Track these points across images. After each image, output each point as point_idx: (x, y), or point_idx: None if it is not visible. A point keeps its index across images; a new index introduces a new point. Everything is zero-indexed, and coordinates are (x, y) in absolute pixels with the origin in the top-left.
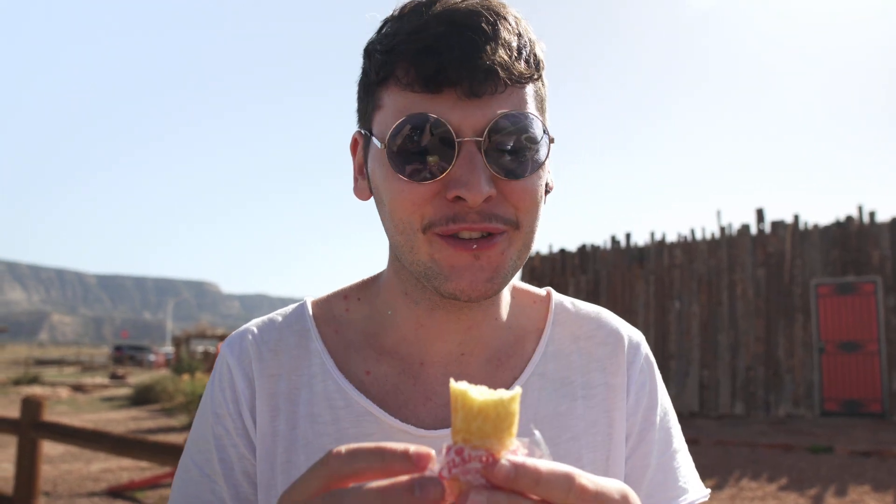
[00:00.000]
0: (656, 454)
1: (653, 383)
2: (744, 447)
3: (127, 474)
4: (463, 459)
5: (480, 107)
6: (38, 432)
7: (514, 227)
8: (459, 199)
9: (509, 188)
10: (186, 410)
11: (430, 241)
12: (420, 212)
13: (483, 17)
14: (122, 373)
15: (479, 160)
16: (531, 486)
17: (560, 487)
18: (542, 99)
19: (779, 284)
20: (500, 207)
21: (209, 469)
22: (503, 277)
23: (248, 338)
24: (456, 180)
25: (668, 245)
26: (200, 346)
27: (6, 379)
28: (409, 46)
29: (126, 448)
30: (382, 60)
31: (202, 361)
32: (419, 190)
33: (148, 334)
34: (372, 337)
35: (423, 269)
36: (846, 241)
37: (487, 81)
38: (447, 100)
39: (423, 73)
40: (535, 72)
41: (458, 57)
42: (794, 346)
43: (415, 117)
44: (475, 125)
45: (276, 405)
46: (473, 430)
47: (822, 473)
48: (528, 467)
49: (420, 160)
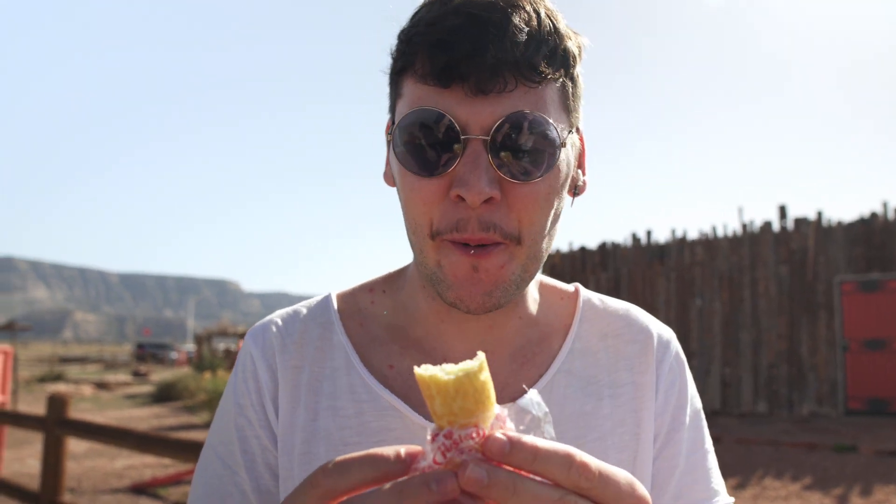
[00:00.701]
0: (685, 454)
1: (682, 382)
2: (767, 446)
3: (150, 471)
4: (454, 441)
5: (490, 104)
6: (64, 429)
7: (516, 242)
8: (461, 198)
9: (515, 192)
10: (208, 408)
11: (438, 247)
12: (429, 214)
13: (500, 10)
14: (145, 370)
15: (484, 159)
16: (528, 460)
17: (559, 464)
18: (569, 96)
19: (802, 282)
20: (501, 217)
21: (231, 460)
22: (503, 291)
23: (272, 329)
24: (459, 178)
25: (690, 242)
26: (222, 344)
27: (31, 376)
28: (425, 38)
29: (149, 445)
30: (403, 50)
31: (224, 359)
32: (427, 187)
33: (170, 332)
34: (396, 331)
35: (429, 272)
36: (870, 238)
37: (495, 79)
38: (456, 95)
39: (435, 66)
40: (556, 69)
41: (467, 51)
42: (818, 343)
43: (422, 112)
44: (483, 123)
45: (297, 396)
46: (456, 409)
47: (847, 473)
48: (524, 442)
49: (426, 155)
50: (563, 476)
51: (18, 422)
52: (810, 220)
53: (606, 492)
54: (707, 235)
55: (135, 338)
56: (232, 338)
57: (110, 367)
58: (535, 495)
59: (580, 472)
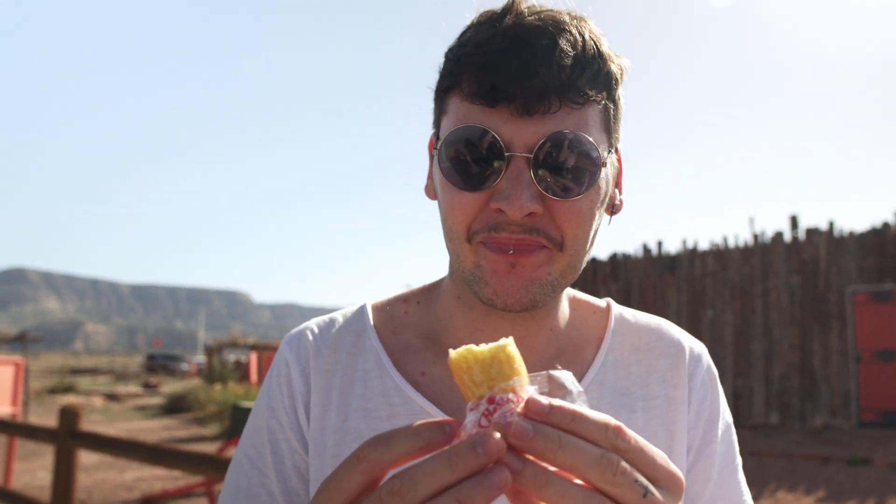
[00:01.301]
0: (718, 467)
1: (714, 396)
2: (779, 458)
3: (160, 483)
4: (497, 404)
5: (534, 124)
6: (76, 441)
7: (558, 248)
8: (502, 211)
9: (556, 208)
10: (219, 419)
11: (475, 250)
12: (466, 222)
13: (547, 34)
14: (155, 382)
15: (526, 176)
16: (567, 420)
17: (597, 427)
18: (610, 118)
19: (814, 292)
20: (544, 225)
21: (261, 462)
22: (539, 289)
23: (308, 335)
24: (500, 192)
25: (701, 253)
26: (232, 356)
27: (42, 388)
28: (473, 59)
29: (160, 457)
30: (451, 69)
31: (234, 370)
32: (468, 199)
33: (180, 343)
34: (429, 339)
35: (467, 275)
36: (882, 248)
37: (541, 101)
38: (502, 115)
39: (482, 86)
40: (599, 91)
41: (514, 74)
42: (830, 354)
43: (468, 128)
44: (527, 142)
45: (329, 399)
46: (494, 374)
47: (861, 486)
48: (563, 405)
49: (470, 169)
50: (602, 437)
51: (30, 434)
52: (822, 231)
53: (643, 458)
54: (718, 246)
55: (145, 349)
56: (242, 349)
57: (121, 379)
58: (579, 449)
59: (617, 434)
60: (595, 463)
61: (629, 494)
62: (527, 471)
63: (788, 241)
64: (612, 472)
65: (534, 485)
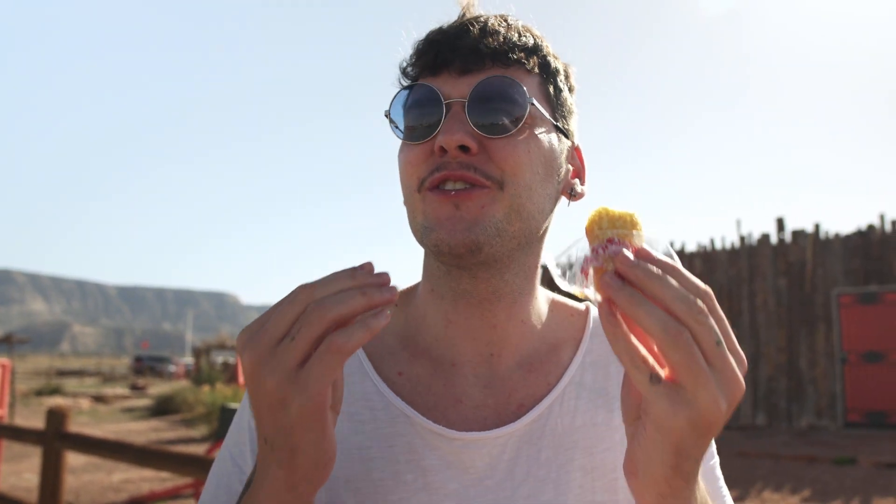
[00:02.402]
0: None
1: None
2: (766, 458)
3: (147, 485)
4: (613, 243)
5: (470, 79)
6: (63, 443)
7: (498, 187)
8: (443, 150)
9: (492, 146)
10: (207, 421)
11: (423, 198)
12: (416, 173)
13: (480, 19)
14: (143, 383)
15: (462, 115)
16: (669, 269)
17: (690, 282)
18: (550, 94)
19: (800, 294)
20: (483, 164)
21: (241, 460)
22: (482, 230)
23: None
24: (440, 133)
25: (688, 255)
26: (220, 357)
27: (28, 389)
28: (421, 43)
29: (148, 459)
30: (405, 64)
31: (222, 372)
32: (415, 151)
33: (168, 345)
34: (407, 340)
35: (419, 227)
36: (868, 250)
37: (475, 61)
38: (443, 77)
39: (426, 61)
40: (529, 58)
41: (451, 43)
42: (817, 356)
43: (412, 85)
44: (462, 91)
45: None
46: (619, 225)
47: (847, 486)
48: (666, 260)
49: (413, 122)
50: (693, 290)
51: (17, 436)
52: (808, 233)
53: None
54: (705, 248)
55: (133, 351)
56: (230, 351)
57: (108, 381)
58: (672, 286)
59: (705, 294)
60: (684, 298)
61: (706, 335)
62: (625, 289)
63: (775, 244)
64: (696, 310)
65: (628, 302)
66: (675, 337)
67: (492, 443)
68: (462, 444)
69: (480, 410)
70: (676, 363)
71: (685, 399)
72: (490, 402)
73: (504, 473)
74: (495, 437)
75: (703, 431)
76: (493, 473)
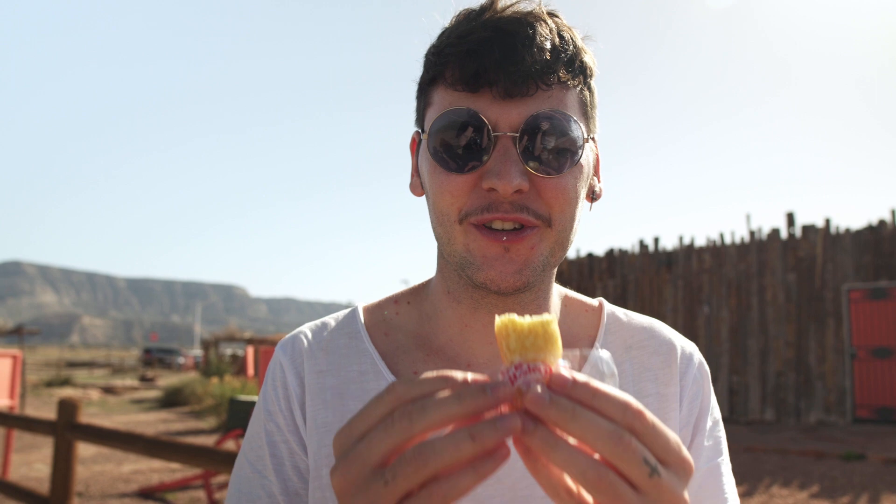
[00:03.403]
0: (704, 460)
1: (705, 393)
2: (774, 454)
3: (157, 476)
4: (523, 371)
5: (516, 106)
6: (74, 434)
7: (547, 224)
8: (493, 190)
9: (543, 185)
10: (215, 413)
11: (465, 231)
12: (458, 203)
13: (525, 24)
14: (152, 375)
15: (514, 154)
16: (588, 397)
17: (616, 405)
18: (587, 105)
19: (810, 289)
20: (532, 202)
21: (261, 465)
22: (532, 271)
23: (301, 339)
24: (490, 171)
25: (697, 249)
26: (229, 349)
27: (39, 381)
28: (455, 49)
29: (158, 450)
30: (433, 62)
31: (230, 364)
32: (457, 181)
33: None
34: (421, 339)
35: (458, 259)
36: (878, 246)
37: (522, 84)
38: (485, 98)
39: (465, 73)
40: (575, 77)
41: (497, 60)
42: (826, 351)
43: (456, 111)
44: (512, 122)
45: (324, 399)
46: (528, 346)
47: (855, 481)
48: (587, 382)
49: (458, 152)
50: (619, 416)
51: (29, 426)
52: (818, 228)
53: (657, 442)
54: (715, 242)
55: (142, 343)
56: (239, 343)
57: (117, 372)
58: (591, 422)
59: (635, 416)
60: (606, 436)
61: (636, 471)
62: (538, 433)
63: (785, 239)
64: (621, 447)
65: (542, 446)
66: (596, 482)
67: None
68: None
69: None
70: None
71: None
72: None
73: (521, 471)
74: None
75: None
76: (511, 472)
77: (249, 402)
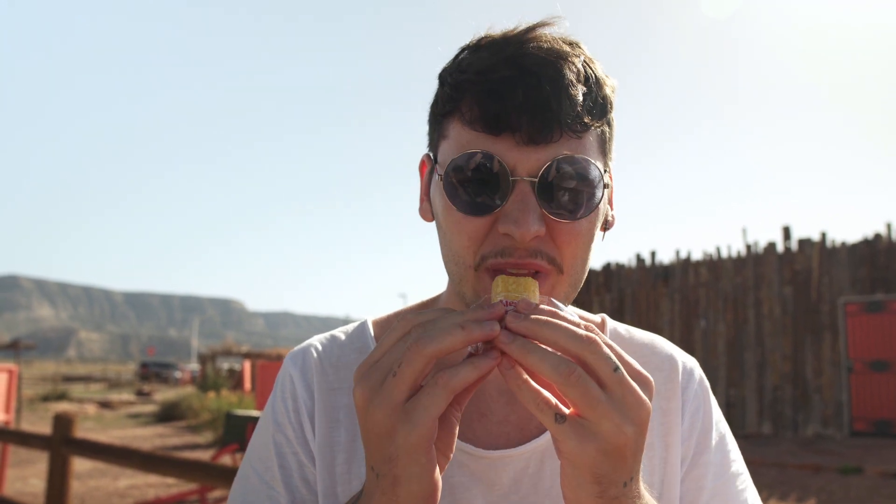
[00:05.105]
0: (712, 477)
1: (707, 407)
2: (772, 467)
3: (153, 491)
4: (506, 304)
5: (537, 152)
6: (70, 448)
7: (559, 270)
8: (508, 235)
9: (558, 230)
10: (212, 427)
11: (479, 278)
12: (474, 248)
13: (550, 65)
14: (149, 390)
15: (532, 200)
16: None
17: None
18: (606, 140)
19: (806, 302)
20: (546, 245)
21: (268, 476)
22: None
23: (311, 352)
24: (507, 216)
25: (694, 263)
26: (226, 363)
27: (35, 395)
28: (476, 86)
29: (154, 465)
30: (450, 94)
31: (228, 378)
32: (473, 223)
33: (174, 351)
34: None
35: (469, 300)
36: (874, 259)
37: (546, 131)
38: (506, 143)
39: (486, 114)
40: (598, 119)
41: (520, 104)
42: (823, 364)
43: (474, 154)
44: (531, 168)
45: (336, 417)
46: (511, 290)
47: (853, 495)
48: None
49: (475, 195)
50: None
51: (24, 441)
52: (814, 241)
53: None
54: (711, 256)
55: (139, 357)
56: (236, 357)
57: (114, 386)
58: (561, 328)
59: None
60: (573, 335)
61: (601, 364)
62: (516, 341)
63: (781, 252)
64: (586, 342)
65: (520, 351)
66: (567, 375)
67: (517, 458)
68: (489, 463)
69: (504, 426)
70: (574, 399)
71: (590, 431)
72: (513, 419)
73: (529, 488)
74: (520, 453)
75: (616, 457)
76: (519, 488)
77: (246, 416)
